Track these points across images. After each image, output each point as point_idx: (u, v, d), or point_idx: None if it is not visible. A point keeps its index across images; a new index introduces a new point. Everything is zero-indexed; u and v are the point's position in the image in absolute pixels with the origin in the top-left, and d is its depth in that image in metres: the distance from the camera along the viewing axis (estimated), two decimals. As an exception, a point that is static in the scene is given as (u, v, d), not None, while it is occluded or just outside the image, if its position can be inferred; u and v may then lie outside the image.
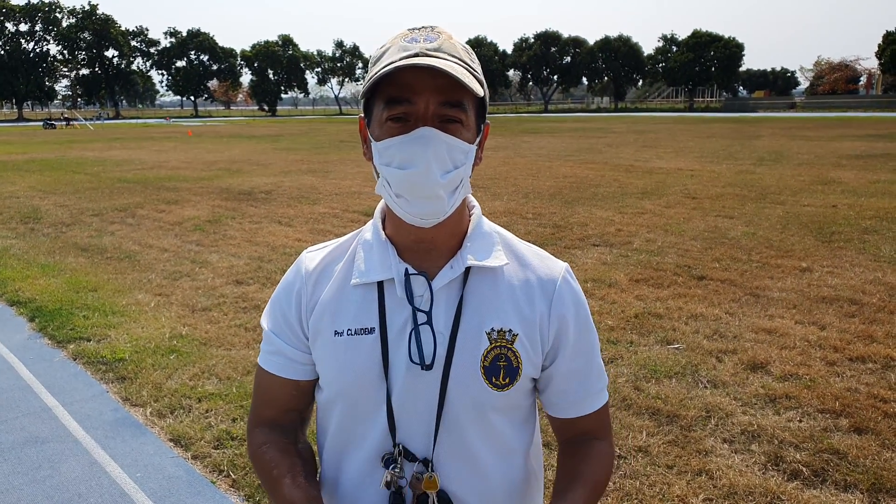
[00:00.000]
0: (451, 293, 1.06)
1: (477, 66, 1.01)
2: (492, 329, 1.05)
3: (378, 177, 1.02)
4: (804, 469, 3.22)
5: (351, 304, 1.08)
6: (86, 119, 67.47)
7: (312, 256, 1.15)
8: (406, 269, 1.05)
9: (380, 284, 1.07)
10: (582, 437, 1.16)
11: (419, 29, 1.01)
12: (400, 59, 0.94)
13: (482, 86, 0.99)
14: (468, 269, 1.07)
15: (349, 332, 1.06)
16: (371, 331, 1.05)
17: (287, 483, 1.05)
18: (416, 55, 0.95)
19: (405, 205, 1.00)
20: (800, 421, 3.68)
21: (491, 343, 1.05)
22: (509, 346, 1.06)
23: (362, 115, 1.06)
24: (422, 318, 1.04)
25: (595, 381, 1.15)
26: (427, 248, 1.07)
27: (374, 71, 0.97)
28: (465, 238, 1.09)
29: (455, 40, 1.01)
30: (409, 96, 0.95)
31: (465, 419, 1.06)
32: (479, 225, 1.11)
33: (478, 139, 1.03)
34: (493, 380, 1.05)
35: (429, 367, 1.03)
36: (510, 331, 1.06)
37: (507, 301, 1.07)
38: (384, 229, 1.11)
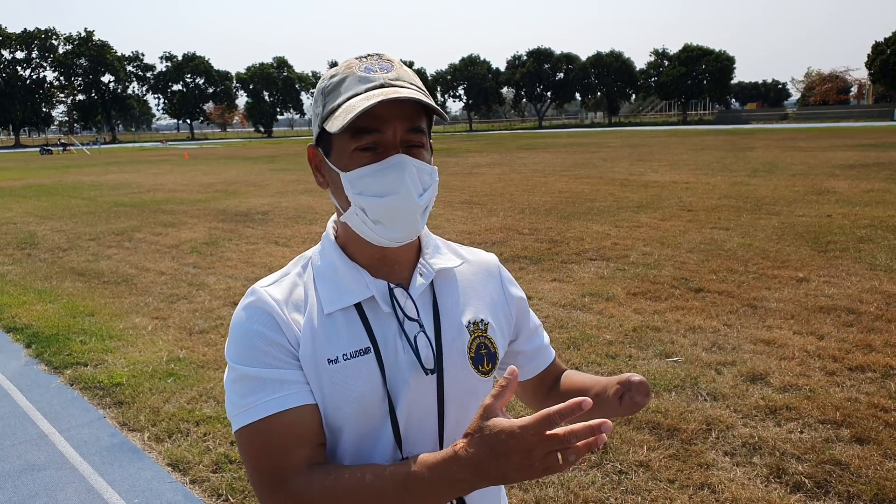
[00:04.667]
0: (425, 299, 1.11)
1: (424, 89, 1.08)
2: (469, 322, 1.13)
3: (342, 206, 1.05)
4: (807, 481, 3.20)
5: (335, 330, 1.05)
6: (82, 144, 67.64)
7: (272, 290, 1.08)
8: (388, 284, 1.08)
9: (358, 306, 1.07)
10: (559, 376, 1.32)
11: (367, 57, 1.05)
12: (366, 90, 0.99)
13: (438, 106, 1.05)
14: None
15: (345, 356, 1.03)
16: (367, 350, 1.05)
17: (392, 467, 0.95)
18: (382, 86, 0.99)
19: (382, 230, 1.02)
20: (801, 432, 3.66)
21: (471, 334, 1.13)
22: (484, 333, 1.15)
23: (312, 144, 1.08)
24: (416, 326, 1.07)
25: (544, 331, 1.34)
26: (391, 264, 1.11)
27: (338, 102, 1.00)
28: (423, 248, 1.15)
29: (405, 67, 1.07)
30: (377, 126, 0.99)
31: (464, 415, 1.10)
32: (428, 235, 1.19)
33: (432, 158, 1.09)
34: (480, 367, 1.13)
35: (432, 372, 1.06)
36: (482, 320, 1.15)
37: (470, 295, 1.17)
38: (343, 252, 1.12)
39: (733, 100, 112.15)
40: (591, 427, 0.82)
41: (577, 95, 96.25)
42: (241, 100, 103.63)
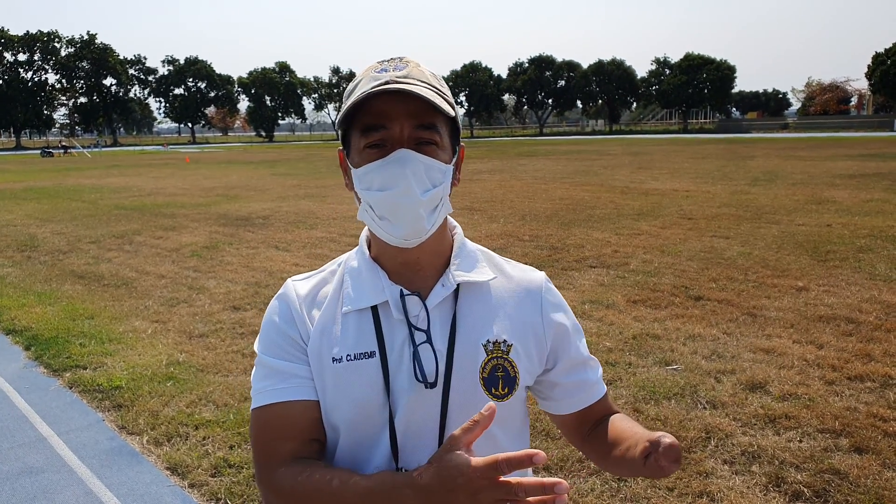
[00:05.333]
0: (444, 310, 1.08)
1: (446, 90, 1.06)
2: (487, 341, 1.08)
3: (360, 203, 1.06)
4: (805, 490, 3.20)
5: (346, 330, 1.07)
6: (83, 147, 67.74)
7: (299, 285, 1.15)
8: (401, 291, 1.07)
9: (374, 309, 1.08)
10: (603, 418, 1.20)
11: (388, 60, 1.06)
12: (372, 89, 0.99)
13: (452, 108, 1.03)
14: (458, 286, 1.10)
15: (348, 357, 1.06)
16: (371, 354, 1.05)
17: (357, 478, 0.96)
18: (387, 83, 0.99)
19: (388, 227, 1.03)
20: (800, 441, 3.67)
21: (488, 354, 1.08)
22: (505, 356, 1.09)
23: (341, 147, 1.10)
24: (421, 336, 1.05)
25: (596, 367, 1.22)
26: (414, 269, 1.09)
27: (349, 102, 1.01)
28: (452, 257, 1.12)
29: (423, 67, 1.05)
30: (383, 122, 1.00)
31: None
32: (463, 244, 1.15)
33: (454, 160, 1.07)
34: (493, 390, 1.08)
35: (432, 385, 1.04)
36: (504, 341, 1.09)
37: (498, 313, 1.11)
38: (371, 255, 1.13)
39: (734, 109, 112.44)
40: (541, 484, 0.80)
41: (579, 103, 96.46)
42: (243, 104, 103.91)
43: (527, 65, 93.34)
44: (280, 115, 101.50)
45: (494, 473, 0.82)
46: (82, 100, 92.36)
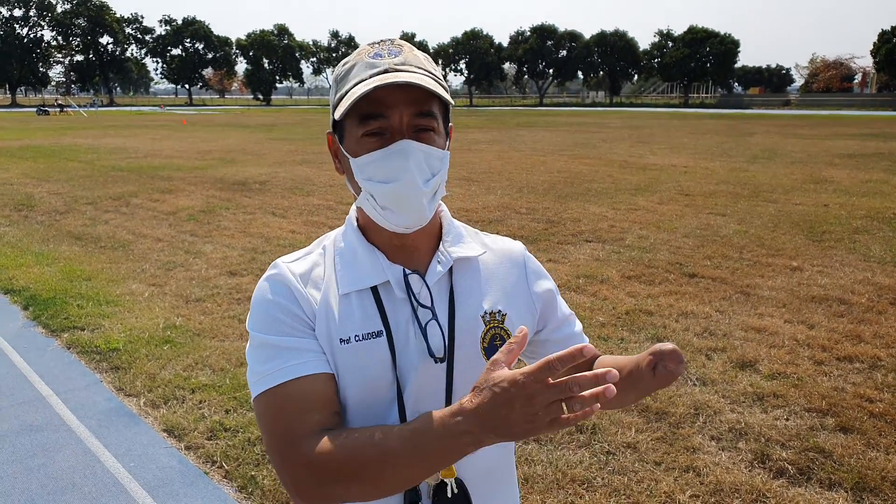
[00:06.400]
0: (441, 287, 1.11)
1: (439, 73, 1.06)
2: (485, 312, 1.13)
3: (354, 189, 1.06)
4: (790, 467, 3.27)
5: (349, 311, 1.08)
6: (79, 106, 66.99)
7: (293, 265, 1.12)
8: (403, 270, 1.09)
9: (373, 289, 1.09)
10: (591, 361, 1.22)
11: (379, 43, 1.06)
12: (371, 77, 0.99)
13: (447, 92, 1.04)
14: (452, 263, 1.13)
15: (357, 338, 1.06)
16: (379, 334, 1.07)
17: (399, 426, 0.95)
18: (386, 71, 0.99)
19: (391, 216, 1.03)
20: (787, 419, 3.74)
21: (486, 325, 1.12)
22: (501, 325, 1.14)
23: (330, 131, 1.10)
24: (427, 314, 1.08)
25: (574, 320, 1.30)
26: (410, 250, 1.11)
27: (346, 89, 1.01)
28: (443, 234, 1.15)
29: (416, 51, 1.06)
30: (382, 111, 0.99)
31: None
32: (451, 223, 1.18)
33: (447, 143, 1.08)
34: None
35: (441, 360, 1.07)
36: (500, 311, 1.14)
37: (490, 285, 1.16)
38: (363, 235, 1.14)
39: (736, 84, 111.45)
40: (595, 376, 0.80)
41: (580, 74, 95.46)
42: (241, 67, 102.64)
43: (528, 33, 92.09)
44: (278, 78, 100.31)
45: (547, 374, 0.82)
46: (78, 58, 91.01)
